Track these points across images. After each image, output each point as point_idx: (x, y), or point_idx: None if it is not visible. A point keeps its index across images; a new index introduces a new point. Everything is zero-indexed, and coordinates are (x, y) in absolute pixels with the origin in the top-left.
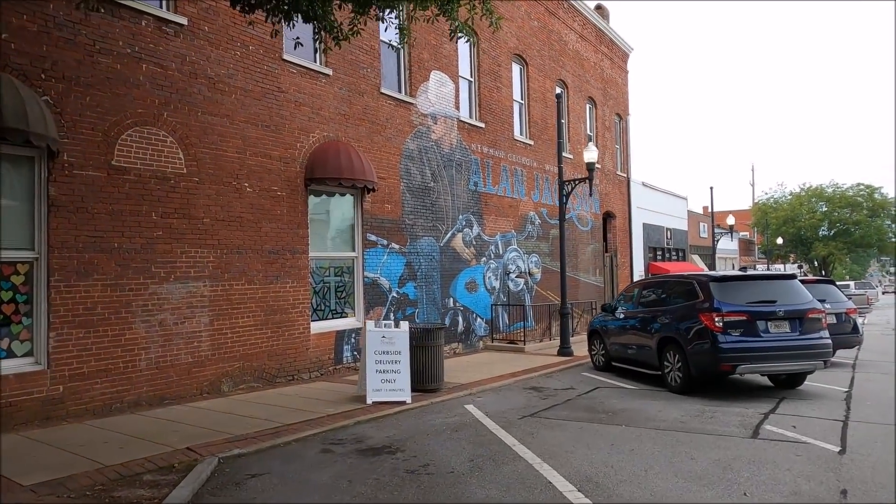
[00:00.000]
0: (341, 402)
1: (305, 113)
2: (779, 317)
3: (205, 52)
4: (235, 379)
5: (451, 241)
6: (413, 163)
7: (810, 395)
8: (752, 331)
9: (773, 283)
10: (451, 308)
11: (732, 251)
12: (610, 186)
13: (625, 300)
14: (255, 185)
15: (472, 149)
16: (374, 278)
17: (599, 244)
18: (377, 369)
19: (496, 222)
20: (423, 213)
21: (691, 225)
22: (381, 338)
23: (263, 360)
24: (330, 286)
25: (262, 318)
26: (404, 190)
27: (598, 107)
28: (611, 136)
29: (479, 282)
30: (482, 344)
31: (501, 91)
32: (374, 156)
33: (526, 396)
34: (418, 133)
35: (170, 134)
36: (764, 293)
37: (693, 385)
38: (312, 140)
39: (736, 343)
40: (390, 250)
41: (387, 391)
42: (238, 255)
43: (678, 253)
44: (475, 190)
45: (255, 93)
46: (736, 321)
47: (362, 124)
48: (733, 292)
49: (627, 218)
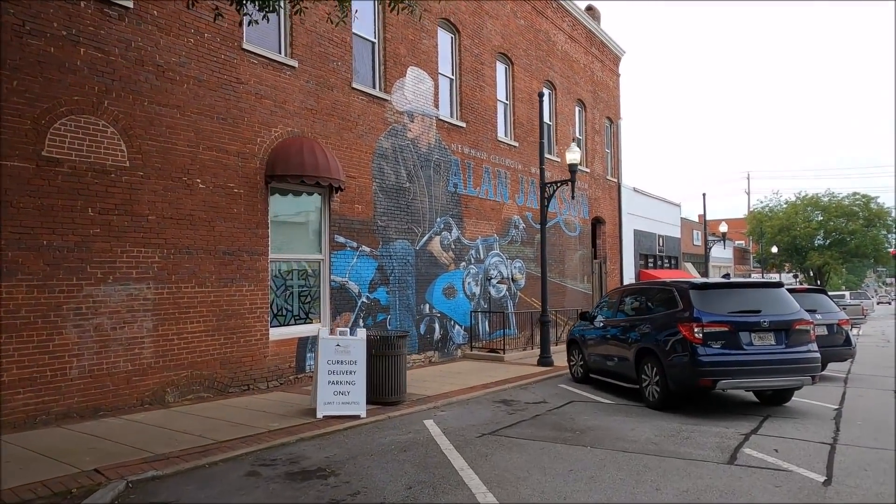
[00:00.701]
0: (291, 415)
1: (267, 106)
2: (763, 328)
3: (153, 38)
4: (182, 388)
5: (428, 245)
6: (387, 162)
7: (797, 412)
8: (734, 343)
9: (758, 292)
10: (426, 314)
11: (727, 259)
12: (600, 191)
13: (604, 308)
14: (208, 181)
15: (453, 149)
16: (342, 282)
17: (588, 250)
18: (330, 380)
19: (477, 226)
20: (398, 214)
21: (685, 232)
22: (336, 346)
23: (215, 368)
24: (293, 290)
25: (214, 323)
26: (377, 190)
27: (587, 109)
28: (601, 140)
29: (457, 287)
30: (460, 352)
31: (484, 90)
32: (343, 153)
33: (493, 411)
34: (393, 131)
35: (111, 124)
36: (748, 302)
37: (671, 400)
38: (275, 135)
39: (717, 356)
40: (360, 253)
41: (339, 405)
42: (188, 255)
43: (671, 261)
44: (455, 192)
45: (210, 83)
46: (717, 332)
47: (331, 120)
48: (715, 301)
49: (618, 224)
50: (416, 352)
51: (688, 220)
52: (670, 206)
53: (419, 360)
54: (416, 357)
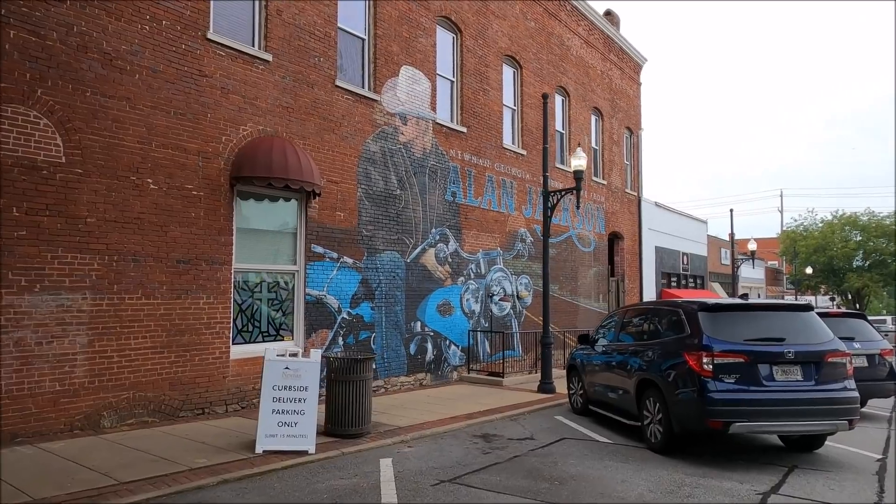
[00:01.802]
0: (231, 448)
1: (235, 102)
2: (788, 360)
3: (100, 23)
4: (122, 412)
5: (421, 258)
6: (374, 167)
7: (830, 463)
8: (751, 377)
9: (783, 316)
10: (417, 333)
11: (758, 280)
12: (618, 205)
13: (606, 331)
14: (162, 181)
15: (451, 155)
16: (319, 296)
17: (604, 267)
18: (274, 409)
19: (478, 238)
20: (386, 223)
21: (712, 251)
22: (284, 369)
23: (163, 389)
24: (261, 304)
25: (163, 339)
26: (362, 196)
27: (605, 119)
28: (619, 151)
29: (454, 304)
30: (456, 375)
31: (489, 94)
32: (324, 156)
33: (467, 448)
34: (382, 134)
35: (44, 115)
36: (770, 328)
37: (675, 444)
38: (243, 134)
39: (729, 393)
40: (342, 265)
41: (283, 438)
42: (134, 263)
43: (696, 280)
44: (453, 201)
45: (167, 75)
46: (730, 364)
47: (310, 119)
48: (729, 326)
49: (637, 240)
50: (404, 374)
51: (715, 238)
52: (696, 222)
53: (408, 384)
54: (405, 380)
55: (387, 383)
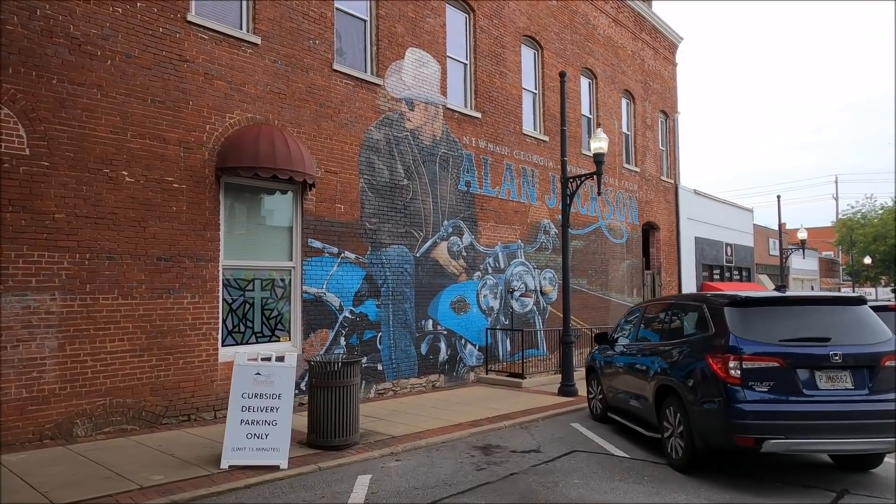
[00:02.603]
0: (197, 462)
1: (220, 89)
2: (834, 364)
3: (67, 6)
4: (97, 420)
5: (432, 251)
6: (378, 155)
7: (889, 486)
8: (788, 385)
9: (828, 311)
10: (429, 332)
11: (811, 272)
12: (652, 194)
13: (626, 329)
14: (139, 173)
15: (465, 142)
16: (318, 294)
17: (638, 259)
18: (243, 419)
19: (496, 230)
20: (392, 216)
21: (759, 241)
22: (255, 375)
23: (144, 395)
24: (254, 303)
25: (143, 341)
26: (365, 187)
27: (636, 102)
28: (653, 137)
29: (470, 301)
30: (473, 376)
31: (506, 77)
32: (321, 144)
33: (460, 463)
34: (387, 120)
35: (5, 105)
36: (812, 326)
37: (698, 461)
38: (230, 122)
39: (762, 404)
40: (343, 260)
41: (253, 451)
42: (109, 261)
43: (742, 272)
44: (467, 191)
45: (143, 60)
46: (763, 369)
47: (305, 106)
48: (762, 323)
49: (675, 230)
50: (414, 375)
51: (762, 228)
52: (740, 211)
53: (418, 386)
54: (416, 382)
55: (395, 385)
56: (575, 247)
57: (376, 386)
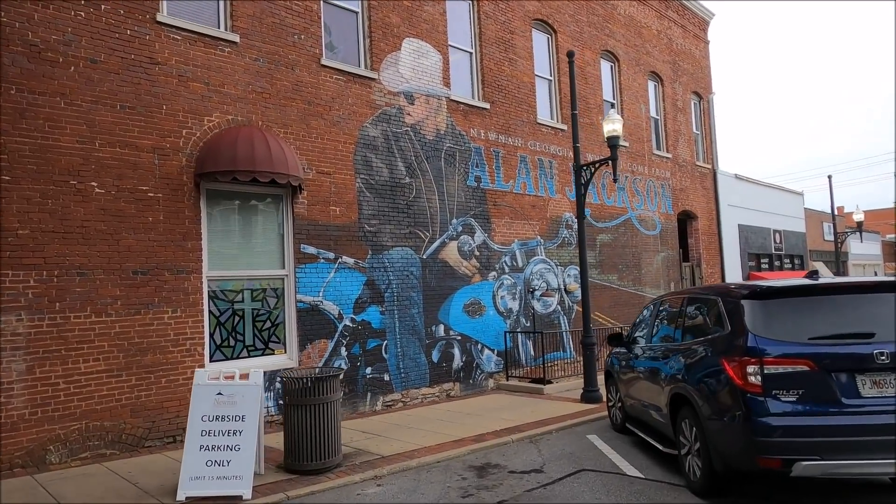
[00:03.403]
0: (158, 492)
1: (197, 91)
2: (881, 365)
3: (23, 11)
4: (73, 445)
5: (441, 252)
6: (376, 153)
7: None
8: (823, 393)
9: (872, 300)
10: (440, 338)
11: (873, 256)
12: (688, 181)
13: (641, 327)
14: (110, 184)
15: (472, 135)
16: (314, 303)
17: (674, 251)
18: (203, 445)
19: (511, 227)
20: (394, 216)
21: (812, 226)
22: (216, 395)
23: (124, 417)
24: (244, 315)
25: (120, 360)
26: (362, 188)
27: (665, 84)
28: (686, 120)
29: (486, 303)
30: (493, 383)
31: (517, 65)
32: (311, 144)
33: (447, 488)
34: (384, 116)
35: None
36: (851, 320)
37: (720, 484)
38: (209, 125)
39: (790, 417)
40: (341, 266)
41: (212, 480)
42: (81, 277)
43: (793, 260)
44: (477, 186)
45: (109, 65)
46: (790, 374)
47: (292, 105)
48: (789, 319)
49: (715, 218)
50: (426, 385)
51: (815, 212)
52: (789, 195)
53: (431, 396)
54: (427, 391)
55: (404, 396)
56: (602, 241)
57: (383, 398)
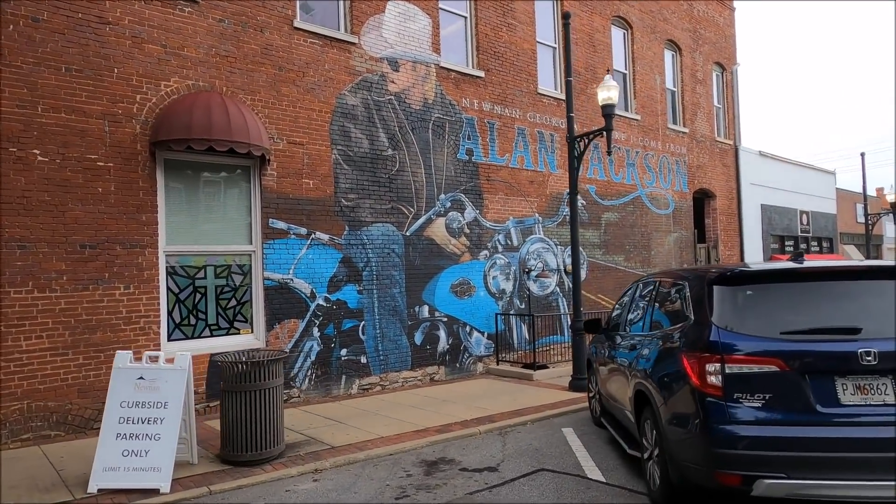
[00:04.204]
0: (77, 481)
1: (153, 53)
2: (866, 367)
3: None
4: (13, 426)
5: (426, 229)
6: (355, 123)
7: None
8: (794, 398)
9: (862, 289)
10: (425, 319)
11: None
12: (706, 157)
13: (619, 313)
14: (54, 151)
15: (464, 105)
16: (284, 280)
17: (688, 232)
18: (120, 433)
19: (506, 203)
20: (375, 191)
21: (844, 207)
22: (137, 380)
23: (70, 397)
24: (206, 292)
25: (66, 338)
26: (339, 159)
27: (683, 54)
28: (706, 92)
29: (476, 283)
30: (482, 367)
31: (516, 30)
32: (281, 112)
33: (386, 486)
34: (364, 83)
35: None
36: (835, 311)
37: (677, 498)
38: (166, 90)
39: (754, 426)
40: (314, 242)
41: (128, 472)
42: (21, 250)
43: (821, 242)
44: (469, 160)
45: (53, 24)
46: (755, 375)
47: (260, 70)
48: (762, 308)
49: (735, 198)
50: (407, 368)
51: (847, 192)
52: (819, 174)
53: (413, 379)
54: (409, 375)
55: (383, 379)
56: (608, 219)
57: (360, 381)
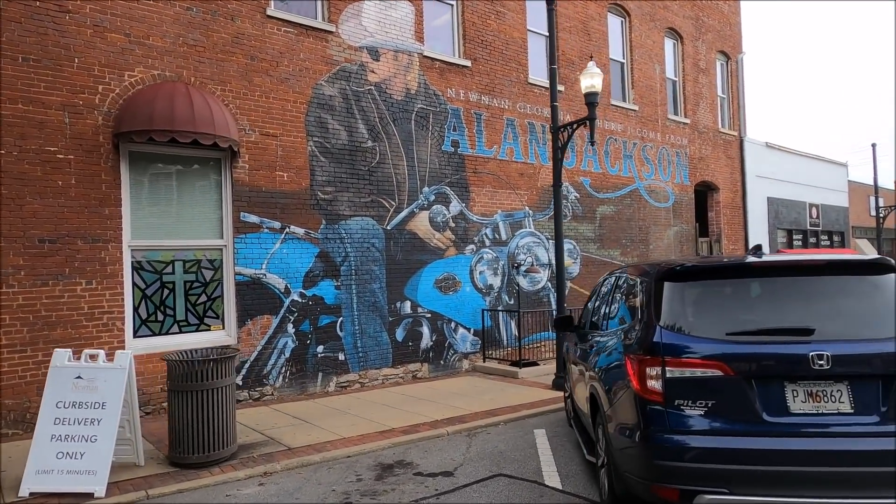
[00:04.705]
0: (14, 484)
1: (116, 43)
2: (819, 371)
3: None
4: None
5: (409, 223)
6: (333, 114)
7: None
8: (739, 406)
9: (814, 285)
10: (407, 315)
11: None
12: (708, 148)
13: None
14: (10, 143)
15: (450, 95)
16: (256, 275)
17: (688, 226)
18: (55, 434)
19: (494, 197)
20: (354, 183)
21: (856, 200)
22: (75, 379)
23: (28, 395)
24: (175, 288)
25: (24, 335)
26: (315, 151)
27: (685, 42)
28: (709, 82)
29: (462, 278)
30: (468, 364)
31: (505, 18)
32: (253, 103)
33: (331, 491)
34: (343, 73)
35: None
36: (785, 310)
37: None
38: (131, 81)
39: (695, 436)
40: (289, 236)
41: (62, 475)
42: None
43: (832, 236)
44: (454, 152)
45: (10, 13)
46: (698, 380)
47: (231, 60)
48: (708, 306)
49: (740, 190)
50: (388, 365)
51: (861, 185)
52: (830, 165)
53: (394, 377)
54: (390, 372)
55: (362, 377)
56: (604, 213)
57: (337, 378)
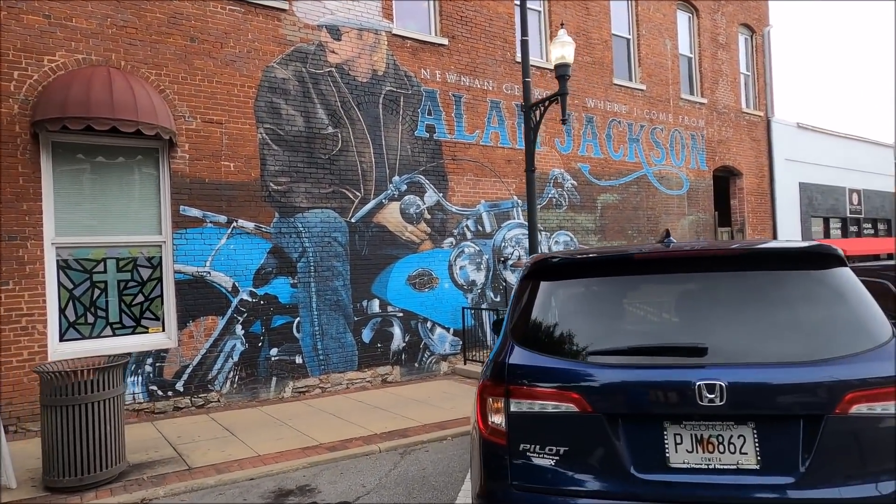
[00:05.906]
0: None
1: (34, 25)
2: (710, 409)
3: None
4: None
5: (377, 215)
6: (287, 98)
7: None
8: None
9: (731, 285)
10: (375, 314)
11: None
12: (729, 130)
13: None
14: None
15: (424, 77)
16: (199, 273)
17: (707, 214)
18: None
19: (477, 185)
20: (312, 173)
21: None
22: None
23: None
24: (107, 288)
25: None
26: (266, 139)
27: (701, 15)
28: (730, 58)
29: (439, 274)
30: (447, 366)
31: None
32: (194, 88)
33: None
34: (298, 54)
35: None
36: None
37: None
38: (51, 66)
39: (542, 495)
40: (237, 231)
41: None
42: None
43: (877, 224)
44: (430, 137)
45: None
46: (547, 417)
47: (168, 41)
48: (578, 314)
49: (767, 175)
50: (353, 368)
51: None
52: (873, 147)
53: (361, 381)
54: (356, 376)
55: (323, 381)
56: (605, 201)
57: (294, 383)
